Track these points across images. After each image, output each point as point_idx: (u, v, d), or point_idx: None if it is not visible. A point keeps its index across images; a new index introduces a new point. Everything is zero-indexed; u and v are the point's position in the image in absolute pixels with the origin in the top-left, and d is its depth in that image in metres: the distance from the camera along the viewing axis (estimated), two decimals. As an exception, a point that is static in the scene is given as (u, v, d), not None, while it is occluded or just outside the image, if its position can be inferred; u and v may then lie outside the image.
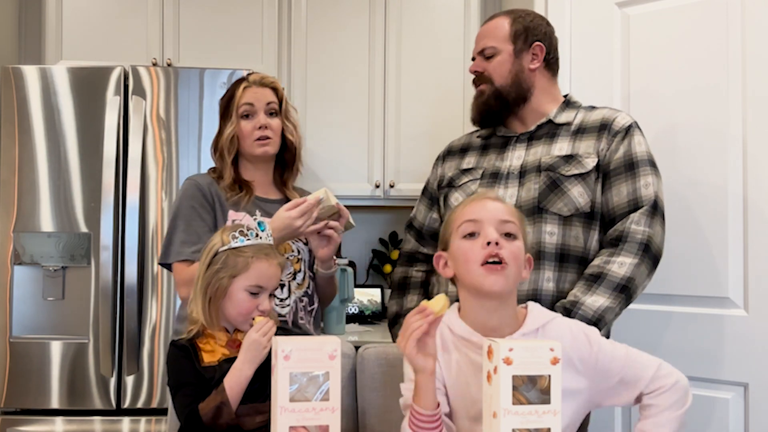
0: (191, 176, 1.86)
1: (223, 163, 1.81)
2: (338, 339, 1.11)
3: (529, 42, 1.75)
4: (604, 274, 1.58)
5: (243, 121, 1.78)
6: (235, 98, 1.79)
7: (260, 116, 1.78)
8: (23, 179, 2.36)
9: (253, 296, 1.39)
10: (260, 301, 1.39)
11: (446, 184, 1.82)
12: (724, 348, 1.93)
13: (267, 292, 1.41)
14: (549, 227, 1.64)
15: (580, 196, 1.65)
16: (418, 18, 2.93)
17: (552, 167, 1.67)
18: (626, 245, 1.60)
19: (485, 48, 1.76)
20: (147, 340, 2.36)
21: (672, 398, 1.29)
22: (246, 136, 1.78)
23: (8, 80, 2.37)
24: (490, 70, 1.75)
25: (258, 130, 1.77)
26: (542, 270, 1.63)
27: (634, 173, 1.65)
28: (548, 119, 1.75)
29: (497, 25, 1.77)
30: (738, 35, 1.93)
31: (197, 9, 2.86)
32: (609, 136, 1.68)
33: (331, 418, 1.06)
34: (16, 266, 2.36)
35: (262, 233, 1.45)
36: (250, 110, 1.78)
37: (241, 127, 1.78)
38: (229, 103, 1.81)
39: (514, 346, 1.08)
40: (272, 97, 1.82)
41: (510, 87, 1.73)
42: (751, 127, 1.91)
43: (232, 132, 1.78)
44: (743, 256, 1.91)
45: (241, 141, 1.79)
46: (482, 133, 1.84)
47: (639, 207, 1.62)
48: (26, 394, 2.34)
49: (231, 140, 1.78)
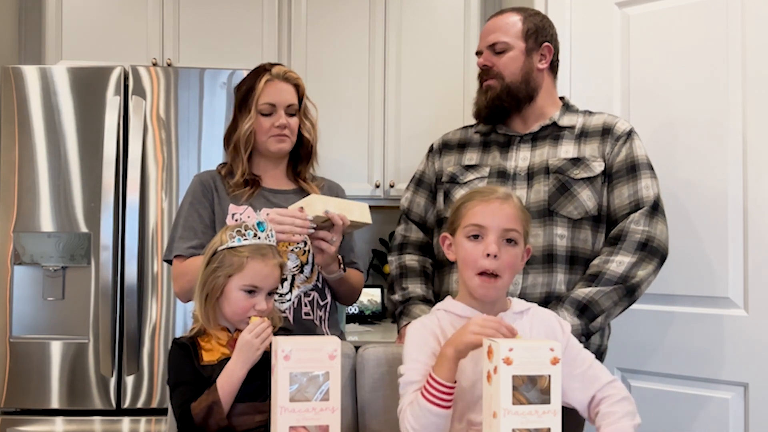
0: (198, 173, 1.86)
1: (237, 157, 1.77)
2: (338, 339, 1.11)
3: (539, 42, 1.74)
4: (602, 273, 1.59)
5: (262, 118, 1.75)
6: (256, 92, 1.74)
7: (280, 115, 1.75)
8: (23, 179, 2.36)
9: (248, 295, 1.38)
10: (256, 300, 1.39)
11: (448, 179, 1.80)
12: (724, 348, 1.93)
13: (264, 291, 1.40)
14: (559, 230, 1.65)
15: (589, 200, 1.66)
16: (418, 18, 2.93)
17: (561, 170, 1.67)
18: (624, 244, 1.61)
19: (497, 42, 1.74)
20: (147, 340, 2.36)
21: (627, 408, 1.33)
22: (263, 132, 1.75)
23: (8, 80, 2.37)
24: (501, 66, 1.74)
25: (276, 128, 1.74)
26: (555, 273, 1.64)
27: (636, 176, 1.66)
28: (552, 121, 1.75)
29: (509, 20, 1.75)
30: (738, 35, 1.93)
31: (197, 9, 2.86)
32: (612, 140, 1.70)
33: (331, 418, 1.06)
34: (16, 266, 2.36)
35: (261, 233, 1.43)
36: (271, 110, 1.75)
37: (259, 123, 1.75)
38: (249, 96, 1.76)
39: (514, 346, 1.08)
40: (293, 97, 1.78)
41: (520, 84, 1.73)
42: (751, 128, 1.91)
43: (250, 128, 1.74)
44: (743, 255, 1.91)
45: (257, 136, 1.76)
46: (480, 129, 1.83)
47: (640, 208, 1.64)
48: (26, 394, 2.34)
49: (248, 136, 1.75)
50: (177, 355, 1.39)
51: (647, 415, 2.04)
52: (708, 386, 1.96)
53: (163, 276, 2.37)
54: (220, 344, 1.39)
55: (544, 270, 1.65)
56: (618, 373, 2.09)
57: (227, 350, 1.38)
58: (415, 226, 1.88)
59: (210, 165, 2.36)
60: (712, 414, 1.94)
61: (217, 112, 2.40)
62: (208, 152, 2.39)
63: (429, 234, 1.86)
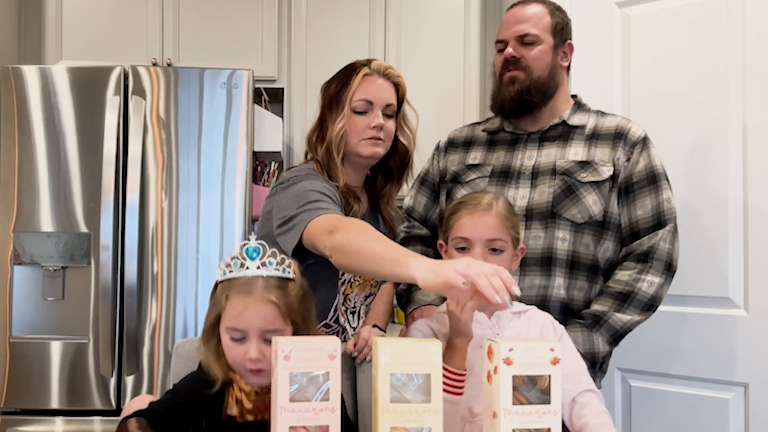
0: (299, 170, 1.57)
1: (330, 162, 1.55)
2: (338, 339, 1.10)
3: (564, 38, 1.71)
4: (634, 293, 1.59)
5: (356, 117, 1.55)
6: (351, 88, 1.55)
7: (377, 114, 1.55)
8: (23, 179, 2.36)
9: (236, 343, 1.16)
10: (246, 348, 1.15)
11: (450, 179, 1.78)
12: (725, 348, 1.93)
13: (253, 336, 1.16)
14: (561, 233, 1.63)
15: (594, 204, 1.63)
16: (418, 18, 2.93)
17: (568, 172, 1.64)
18: (655, 263, 1.61)
19: (527, 34, 1.67)
20: (147, 340, 2.36)
21: (603, 407, 1.33)
22: (356, 132, 1.55)
23: (8, 80, 2.37)
24: (530, 59, 1.67)
25: (371, 129, 1.55)
26: (554, 277, 1.62)
27: (657, 186, 1.65)
28: (562, 120, 1.72)
29: (538, 12, 1.69)
30: (738, 35, 1.93)
31: (197, 9, 2.86)
32: (626, 147, 1.66)
33: (331, 418, 1.06)
34: (16, 266, 2.36)
35: (251, 262, 1.18)
36: (367, 108, 1.56)
37: (353, 122, 1.55)
38: (342, 92, 1.56)
39: (515, 346, 1.07)
40: (393, 97, 1.59)
41: (547, 80, 1.68)
42: (752, 128, 1.91)
43: (343, 128, 1.54)
44: (743, 256, 1.91)
45: (348, 137, 1.55)
46: (488, 127, 1.80)
47: (663, 221, 1.63)
48: (26, 395, 2.34)
49: (341, 137, 1.54)
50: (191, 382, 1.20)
51: (647, 415, 2.04)
52: (708, 386, 1.96)
53: (163, 276, 2.37)
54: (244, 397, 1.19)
55: (542, 273, 1.63)
56: (618, 373, 2.09)
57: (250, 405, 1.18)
58: (418, 224, 1.87)
59: (210, 165, 2.38)
60: (712, 414, 1.94)
61: (217, 112, 2.40)
62: (208, 152, 2.39)
63: (432, 232, 1.85)
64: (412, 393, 1.07)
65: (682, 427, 1.99)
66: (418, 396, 1.07)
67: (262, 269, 1.18)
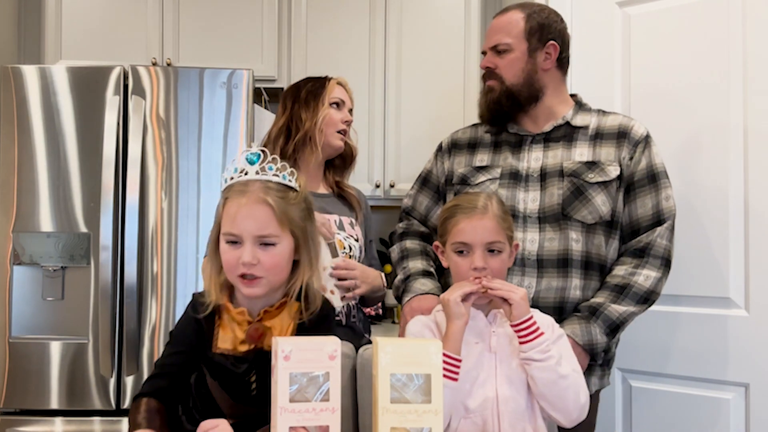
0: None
1: (314, 148, 1.82)
2: (338, 339, 1.10)
3: (544, 40, 1.70)
4: (630, 286, 1.60)
5: (332, 110, 1.85)
6: (327, 87, 1.85)
7: (345, 112, 1.87)
8: (23, 179, 2.36)
9: (232, 246, 1.16)
10: (240, 252, 1.15)
11: (458, 180, 1.77)
12: (725, 348, 1.93)
13: (248, 242, 1.15)
14: (574, 234, 1.63)
15: (603, 205, 1.64)
16: (419, 18, 2.93)
17: (575, 173, 1.65)
18: (651, 259, 1.62)
19: (498, 43, 1.71)
20: (146, 340, 2.35)
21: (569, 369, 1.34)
22: (333, 123, 1.84)
23: (8, 80, 2.37)
24: (502, 68, 1.70)
25: (342, 123, 1.85)
26: (570, 278, 1.63)
27: (657, 185, 1.66)
28: (565, 121, 1.72)
29: (511, 20, 1.71)
30: (739, 35, 1.93)
31: (197, 9, 2.86)
32: (629, 146, 1.67)
33: (331, 419, 1.06)
34: (16, 266, 2.36)
35: (251, 167, 1.17)
36: (341, 103, 1.87)
37: (330, 115, 1.84)
38: (320, 90, 1.85)
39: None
40: (351, 103, 1.92)
41: (521, 86, 1.69)
42: (752, 128, 1.91)
43: (324, 119, 1.82)
44: (744, 256, 1.91)
45: (326, 127, 1.83)
46: (491, 128, 1.80)
47: (662, 219, 1.64)
48: (26, 395, 2.33)
49: (322, 127, 1.82)
50: (186, 328, 1.21)
51: (648, 415, 2.04)
52: (709, 386, 1.95)
53: (162, 276, 2.37)
54: (237, 326, 1.21)
55: (559, 275, 1.63)
56: (618, 373, 2.09)
57: (243, 335, 1.20)
58: (417, 222, 1.87)
59: (210, 165, 2.38)
60: (712, 414, 1.94)
61: (216, 112, 2.39)
62: (207, 152, 2.39)
63: (433, 232, 1.85)
64: (412, 393, 1.07)
65: (682, 428, 1.98)
66: (419, 396, 1.07)
67: (261, 174, 1.17)
